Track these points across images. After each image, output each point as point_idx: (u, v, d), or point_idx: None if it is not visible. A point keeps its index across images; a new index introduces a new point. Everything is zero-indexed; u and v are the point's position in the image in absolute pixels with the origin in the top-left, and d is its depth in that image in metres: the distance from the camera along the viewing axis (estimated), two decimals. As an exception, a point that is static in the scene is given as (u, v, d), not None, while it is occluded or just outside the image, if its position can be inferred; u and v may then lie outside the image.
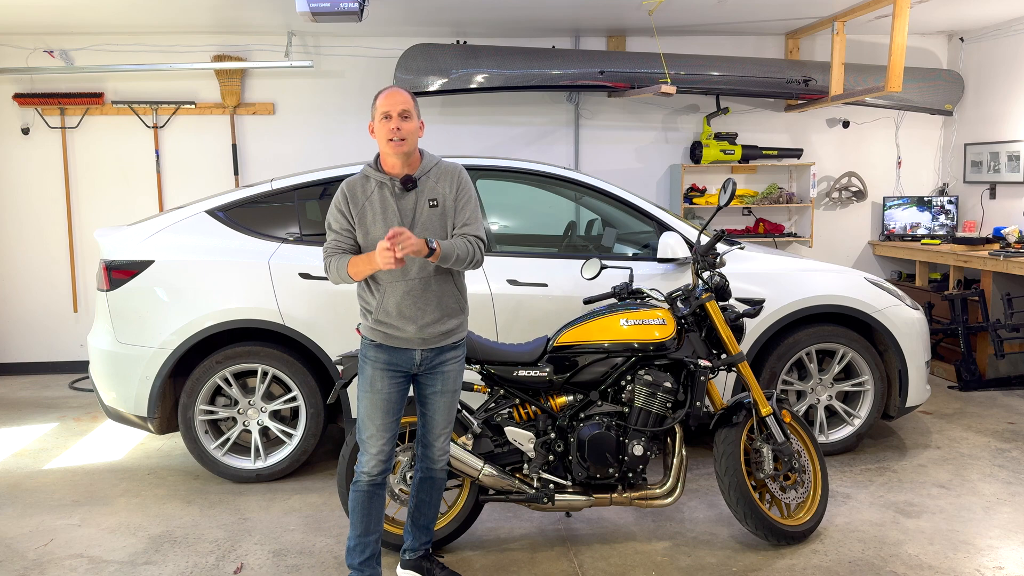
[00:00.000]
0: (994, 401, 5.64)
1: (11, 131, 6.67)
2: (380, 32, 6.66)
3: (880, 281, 4.60)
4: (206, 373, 4.16)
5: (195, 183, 6.82)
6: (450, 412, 3.08)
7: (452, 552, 3.48)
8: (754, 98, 7.00)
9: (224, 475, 4.27)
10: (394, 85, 3.00)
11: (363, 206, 2.94)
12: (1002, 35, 6.71)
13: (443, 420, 3.07)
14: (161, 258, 4.16)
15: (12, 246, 6.77)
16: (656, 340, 3.37)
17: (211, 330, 4.11)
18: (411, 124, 2.91)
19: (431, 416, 3.06)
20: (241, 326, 4.13)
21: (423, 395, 3.05)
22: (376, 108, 2.92)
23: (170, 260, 4.15)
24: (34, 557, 3.50)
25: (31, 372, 6.85)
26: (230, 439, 4.26)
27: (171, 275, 4.14)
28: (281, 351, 4.18)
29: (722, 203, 3.52)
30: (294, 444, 4.25)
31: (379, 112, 2.90)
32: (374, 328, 2.97)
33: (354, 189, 2.97)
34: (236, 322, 4.12)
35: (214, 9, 5.80)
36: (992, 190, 6.83)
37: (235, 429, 4.26)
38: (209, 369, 4.16)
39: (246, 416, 4.26)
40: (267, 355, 4.17)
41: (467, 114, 6.96)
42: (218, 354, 4.16)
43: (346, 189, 2.97)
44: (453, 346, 3.04)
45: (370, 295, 2.98)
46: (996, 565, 3.30)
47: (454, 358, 3.05)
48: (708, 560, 3.39)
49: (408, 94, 2.95)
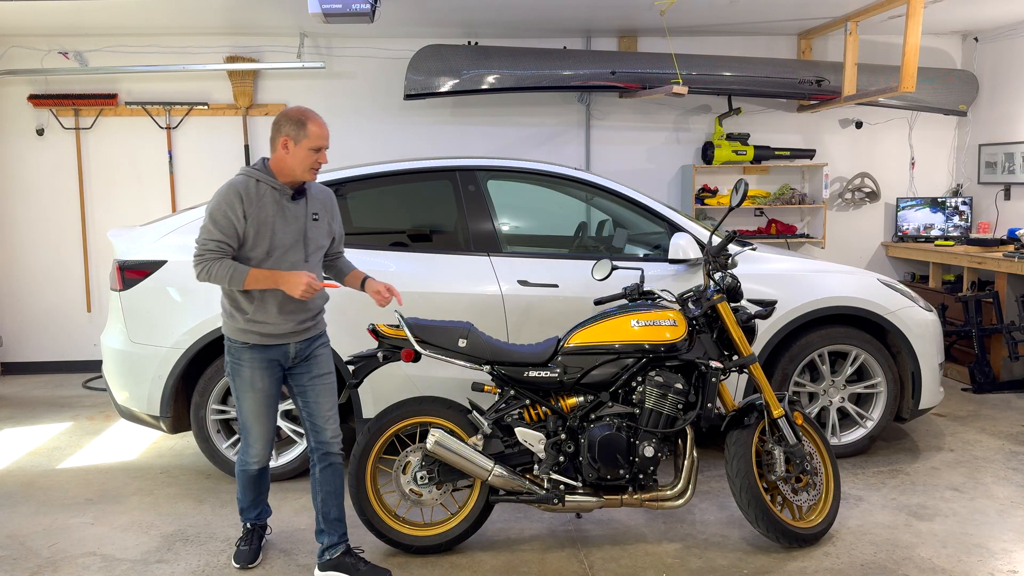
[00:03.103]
0: (1008, 403, 5.59)
1: (26, 132, 6.72)
2: (391, 33, 6.67)
3: (893, 283, 4.57)
4: (218, 373, 4.18)
5: (208, 184, 6.85)
6: (332, 394, 3.25)
7: (462, 552, 3.48)
8: (766, 98, 6.97)
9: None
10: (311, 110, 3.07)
11: (258, 208, 2.98)
12: (1017, 35, 6.66)
13: (328, 402, 3.22)
14: (174, 258, 4.18)
15: (27, 246, 6.82)
16: (667, 341, 3.36)
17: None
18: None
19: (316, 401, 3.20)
20: (253, 326, 4.15)
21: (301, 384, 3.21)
22: (307, 135, 2.98)
23: (183, 260, 4.17)
24: (48, 555, 3.53)
25: (45, 371, 6.90)
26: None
27: (184, 275, 4.15)
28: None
29: (734, 204, 3.51)
30: (305, 444, 4.26)
31: (312, 143, 2.99)
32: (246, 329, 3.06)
33: (248, 191, 2.99)
34: (248, 322, 4.13)
35: (227, 11, 5.83)
36: (1007, 191, 6.78)
37: (247, 429, 4.28)
38: (221, 369, 4.17)
39: (258, 416, 4.27)
40: (279, 355, 4.18)
41: (478, 115, 6.97)
42: (230, 354, 4.18)
43: (240, 190, 2.98)
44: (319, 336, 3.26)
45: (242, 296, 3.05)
46: (1010, 569, 3.28)
47: (323, 343, 3.27)
48: (719, 562, 3.38)
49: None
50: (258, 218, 2.99)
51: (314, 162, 3.02)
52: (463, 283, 4.21)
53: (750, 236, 7.05)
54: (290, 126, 2.98)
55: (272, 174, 3.04)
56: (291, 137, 2.98)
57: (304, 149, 2.99)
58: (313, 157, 3.01)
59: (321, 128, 3.01)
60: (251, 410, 3.15)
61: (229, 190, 2.97)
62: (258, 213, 2.98)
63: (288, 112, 3.02)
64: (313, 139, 2.99)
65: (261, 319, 3.05)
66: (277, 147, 3.01)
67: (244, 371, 3.11)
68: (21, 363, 6.89)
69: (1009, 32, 6.73)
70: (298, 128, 2.98)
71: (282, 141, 2.99)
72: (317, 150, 3.01)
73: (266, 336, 3.07)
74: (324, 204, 3.21)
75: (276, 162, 3.04)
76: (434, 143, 6.95)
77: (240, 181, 3.00)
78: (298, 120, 2.99)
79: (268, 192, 3.01)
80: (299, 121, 2.99)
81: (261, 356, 3.10)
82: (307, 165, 3.01)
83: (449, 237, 4.36)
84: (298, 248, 3.08)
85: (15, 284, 6.84)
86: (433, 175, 4.41)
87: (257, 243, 3.00)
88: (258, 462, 3.24)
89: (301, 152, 2.99)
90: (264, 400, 3.15)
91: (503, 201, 4.59)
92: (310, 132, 2.98)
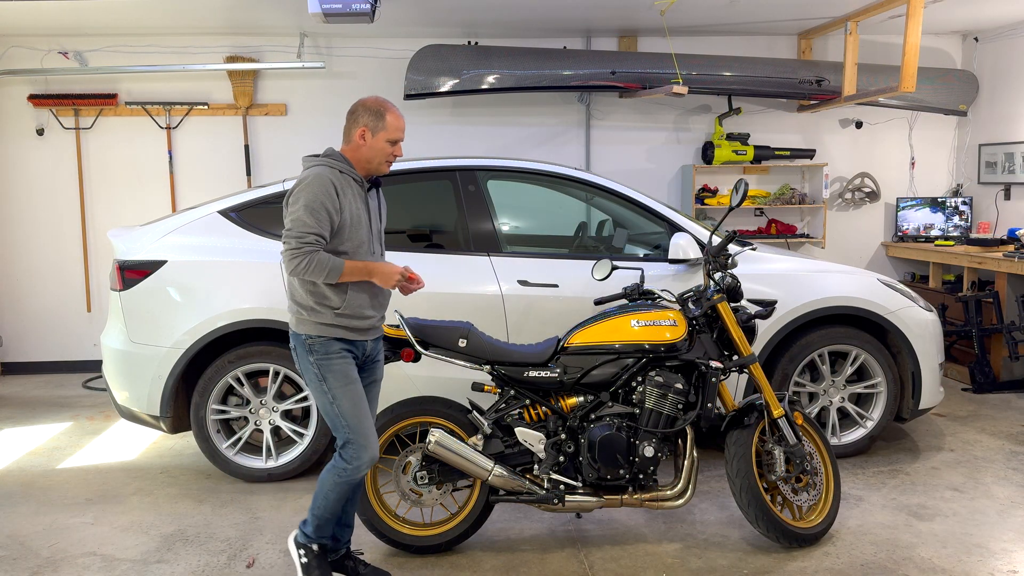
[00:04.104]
0: (1008, 403, 5.59)
1: (26, 132, 6.72)
2: (392, 33, 6.67)
3: (893, 282, 4.57)
4: (218, 373, 4.18)
5: (208, 183, 6.85)
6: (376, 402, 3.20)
7: (462, 552, 3.48)
8: (766, 98, 6.97)
9: (236, 474, 4.28)
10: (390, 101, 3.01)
11: (347, 199, 2.90)
12: (1017, 35, 6.66)
13: (374, 409, 3.17)
14: (174, 258, 4.18)
15: (27, 246, 6.82)
16: (667, 341, 3.37)
17: (223, 330, 4.13)
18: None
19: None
20: (253, 326, 4.15)
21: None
22: (386, 127, 2.91)
23: (183, 260, 4.17)
24: (47, 555, 3.53)
25: (45, 371, 6.90)
26: (242, 439, 4.27)
27: (184, 275, 4.16)
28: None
29: (734, 204, 3.51)
30: (305, 444, 4.26)
31: (390, 134, 2.92)
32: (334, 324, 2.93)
33: (339, 182, 2.89)
34: (248, 322, 4.13)
35: (227, 11, 5.83)
36: (1007, 191, 6.78)
37: (247, 429, 4.28)
38: (221, 369, 4.18)
39: (258, 416, 4.27)
40: (279, 355, 4.19)
41: (478, 115, 6.97)
42: (230, 354, 4.18)
43: (333, 180, 2.87)
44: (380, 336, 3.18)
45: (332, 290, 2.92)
46: (1010, 569, 3.28)
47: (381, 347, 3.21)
48: (719, 562, 3.38)
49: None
50: (349, 210, 2.90)
51: (390, 154, 2.95)
52: (463, 283, 4.21)
53: (750, 236, 7.05)
54: (368, 116, 2.91)
55: (352, 165, 2.95)
56: (369, 128, 2.91)
57: (381, 141, 2.92)
58: (389, 149, 2.94)
59: (399, 120, 2.94)
60: (354, 404, 2.92)
61: (321, 180, 2.84)
62: (349, 205, 2.90)
63: (366, 102, 2.94)
64: (391, 131, 2.92)
65: (352, 312, 2.92)
66: (354, 137, 2.93)
67: (336, 363, 2.91)
68: (21, 363, 6.89)
69: (1009, 32, 6.73)
70: (377, 119, 2.91)
71: (359, 132, 2.91)
72: (394, 142, 2.94)
73: (354, 331, 2.95)
74: (381, 199, 3.17)
75: (351, 152, 2.95)
76: (434, 143, 6.95)
77: (327, 172, 2.87)
78: (377, 111, 2.91)
79: (351, 184, 2.93)
80: (378, 112, 2.91)
81: (348, 348, 2.96)
82: (383, 157, 2.94)
83: (449, 237, 4.36)
84: (375, 241, 3.03)
85: (15, 284, 6.84)
86: (433, 175, 4.41)
87: (349, 236, 2.90)
88: (371, 461, 2.95)
89: (379, 144, 2.92)
90: (362, 394, 2.96)
91: (503, 201, 4.60)
92: (388, 124, 2.91)
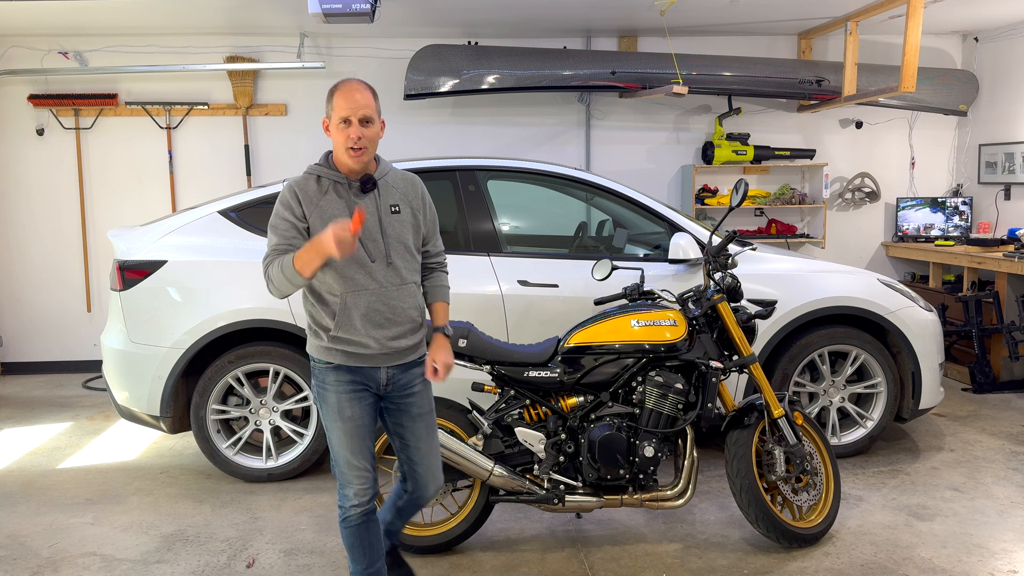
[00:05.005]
0: (1008, 404, 5.59)
1: (26, 132, 6.72)
2: (391, 33, 6.67)
3: (893, 282, 4.57)
4: (218, 373, 4.18)
5: (208, 184, 6.85)
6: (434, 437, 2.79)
7: (462, 553, 3.48)
8: (766, 98, 6.97)
9: (236, 474, 4.29)
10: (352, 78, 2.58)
11: (319, 207, 2.57)
12: (1017, 35, 6.66)
13: (429, 448, 2.78)
14: (174, 258, 4.18)
15: (27, 246, 6.82)
16: (667, 341, 3.36)
17: (223, 330, 4.13)
18: (373, 129, 2.55)
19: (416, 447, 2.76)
20: (253, 326, 4.15)
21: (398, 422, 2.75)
22: (333, 108, 2.52)
23: (183, 260, 4.17)
24: (47, 555, 3.53)
25: (45, 371, 6.90)
26: (242, 439, 4.27)
27: (184, 275, 4.16)
28: (293, 351, 4.20)
29: (734, 204, 3.51)
30: (305, 444, 4.26)
31: (337, 115, 2.51)
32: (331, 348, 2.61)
33: (305, 188, 2.58)
34: (248, 322, 4.14)
35: (227, 11, 5.83)
36: (1007, 191, 6.78)
37: (247, 429, 4.28)
38: (221, 369, 4.18)
39: (258, 416, 4.27)
40: (279, 355, 4.19)
41: (478, 115, 6.97)
42: (230, 354, 4.18)
43: (296, 188, 2.57)
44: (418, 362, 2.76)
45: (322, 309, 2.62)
46: (1010, 569, 3.28)
47: (420, 375, 2.76)
48: (719, 562, 3.38)
49: (369, 91, 2.56)
50: (323, 217, 2.55)
51: (347, 139, 2.50)
52: (463, 283, 4.21)
53: (750, 236, 7.05)
54: (327, 103, 2.56)
55: (334, 166, 2.61)
56: (327, 115, 2.56)
57: (336, 127, 2.52)
58: (345, 133, 2.50)
59: (350, 95, 2.49)
60: (341, 442, 2.61)
61: (283, 195, 2.57)
62: (322, 212, 2.55)
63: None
64: (339, 109, 2.50)
65: (345, 335, 2.58)
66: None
67: (330, 396, 2.62)
68: (21, 363, 6.89)
69: (1009, 32, 6.73)
70: (328, 101, 2.54)
71: (324, 124, 2.59)
72: (345, 122, 2.50)
73: (352, 356, 2.60)
74: (406, 193, 2.70)
75: (334, 151, 2.64)
76: (434, 143, 6.95)
77: (299, 179, 2.60)
78: (330, 92, 2.56)
79: (333, 187, 2.59)
80: (330, 93, 2.55)
81: (348, 379, 2.62)
82: (343, 145, 2.52)
83: (449, 237, 4.36)
84: (376, 246, 2.61)
85: (15, 284, 6.84)
86: (433, 175, 4.41)
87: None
88: (358, 505, 2.64)
89: (335, 131, 2.53)
90: (355, 431, 2.61)
91: (503, 201, 4.60)
92: (335, 103, 2.51)
